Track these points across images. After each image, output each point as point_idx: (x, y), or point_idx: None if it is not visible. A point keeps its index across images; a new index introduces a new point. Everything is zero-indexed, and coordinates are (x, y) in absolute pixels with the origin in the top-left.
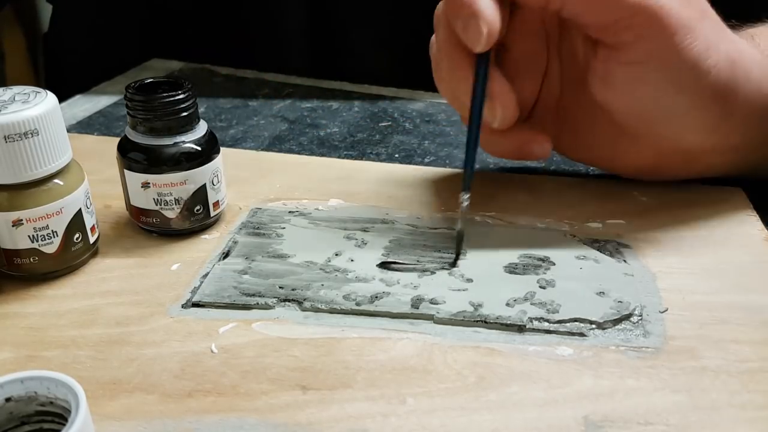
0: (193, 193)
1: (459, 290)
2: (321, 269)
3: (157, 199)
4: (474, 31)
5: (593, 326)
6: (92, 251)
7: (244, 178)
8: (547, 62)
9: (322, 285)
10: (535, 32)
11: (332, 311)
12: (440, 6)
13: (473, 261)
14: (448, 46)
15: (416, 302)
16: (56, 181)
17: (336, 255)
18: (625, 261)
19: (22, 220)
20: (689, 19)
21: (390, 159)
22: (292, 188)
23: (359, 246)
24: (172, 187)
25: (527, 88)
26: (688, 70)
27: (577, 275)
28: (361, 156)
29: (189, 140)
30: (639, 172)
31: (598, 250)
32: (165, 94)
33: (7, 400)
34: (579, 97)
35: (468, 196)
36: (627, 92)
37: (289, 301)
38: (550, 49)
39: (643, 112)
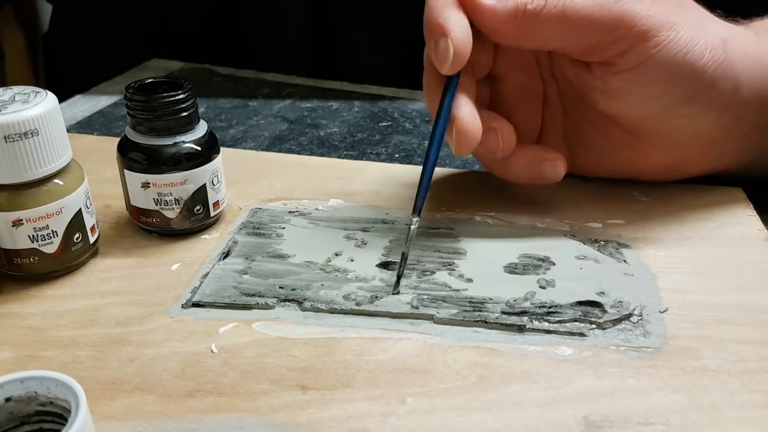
0: (193, 193)
1: (459, 290)
2: (321, 269)
3: (157, 199)
4: (442, 52)
5: (593, 326)
6: (92, 251)
7: (244, 178)
8: (544, 87)
9: (322, 285)
10: (526, 60)
11: (332, 311)
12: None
13: (473, 261)
14: (431, 73)
15: (416, 302)
16: (56, 181)
17: (336, 255)
18: (625, 261)
19: (22, 220)
20: (665, 14)
21: (390, 159)
22: (292, 188)
23: (359, 246)
24: (172, 187)
25: (529, 116)
26: (680, 60)
27: (577, 275)
28: (361, 156)
29: (189, 140)
30: (662, 173)
31: (598, 250)
32: (165, 94)
33: (7, 400)
34: (584, 114)
35: (417, 220)
36: (631, 98)
37: (289, 301)
38: (544, 74)
39: (651, 111)
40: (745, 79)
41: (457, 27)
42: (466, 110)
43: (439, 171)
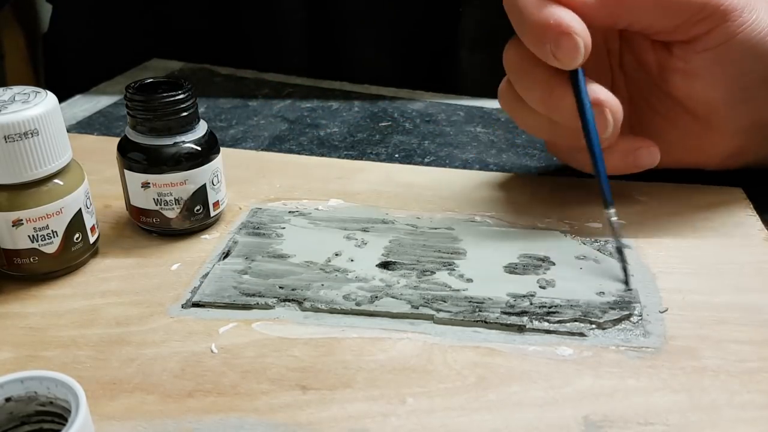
0: (193, 193)
1: (459, 290)
2: (321, 269)
3: (157, 199)
4: (570, 48)
5: (593, 326)
6: (92, 251)
7: (244, 178)
8: (612, 79)
9: (322, 285)
10: (598, 52)
11: (332, 311)
12: (509, 48)
13: (473, 261)
14: (539, 73)
15: (416, 302)
16: (56, 181)
17: (336, 255)
18: (625, 261)
19: (22, 220)
20: None
21: (390, 159)
22: (292, 188)
23: (359, 246)
24: (172, 187)
25: None
26: (761, 41)
27: (577, 275)
28: (361, 156)
29: (189, 140)
30: (726, 160)
31: (598, 250)
32: (165, 94)
33: (7, 400)
34: (653, 104)
35: (614, 211)
36: (710, 77)
37: (289, 301)
38: (613, 65)
39: (727, 94)
40: None
41: (574, 22)
42: (604, 91)
43: (439, 171)
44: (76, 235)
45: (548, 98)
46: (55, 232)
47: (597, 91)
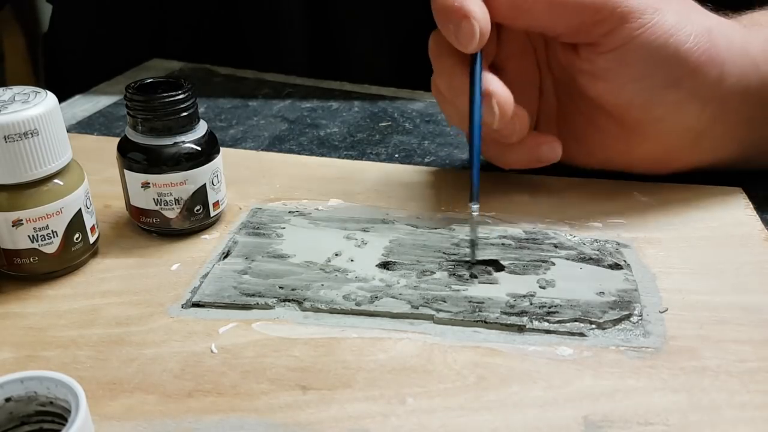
0: (193, 193)
1: (459, 290)
2: (321, 269)
3: (157, 199)
4: (466, 31)
5: (593, 326)
6: (92, 251)
7: (244, 178)
8: (541, 79)
9: (322, 285)
10: (524, 51)
11: (332, 311)
12: (431, 38)
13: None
14: (449, 60)
15: (416, 302)
16: (56, 181)
17: (336, 255)
18: (625, 261)
19: (22, 220)
20: (650, 1)
21: (390, 159)
22: (292, 188)
23: (359, 246)
24: (172, 187)
25: (526, 106)
26: (664, 43)
27: (577, 275)
28: (361, 156)
29: (189, 140)
30: (651, 165)
31: (598, 250)
32: (165, 94)
33: (7, 400)
34: (576, 104)
35: (477, 206)
36: (616, 78)
37: (289, 301)
38: (541, 65)
39: (636, 94)
40: (729, 69)
41: (476, 7)
42: (497, 83)
43: (439, 171)
44: (76, 235)
45: (450, 85)
46: (55, 232)
47: (490, 81)
